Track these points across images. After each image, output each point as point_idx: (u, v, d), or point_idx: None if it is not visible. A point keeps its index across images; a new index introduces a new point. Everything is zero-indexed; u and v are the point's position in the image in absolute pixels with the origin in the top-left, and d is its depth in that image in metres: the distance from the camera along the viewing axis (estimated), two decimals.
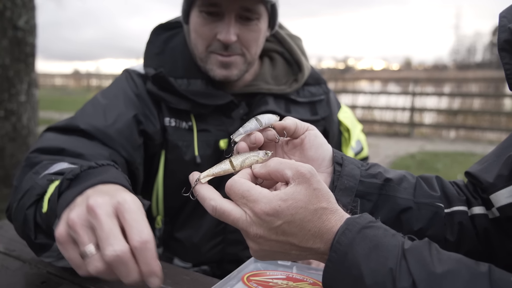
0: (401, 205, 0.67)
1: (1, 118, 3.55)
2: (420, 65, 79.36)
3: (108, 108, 0.97)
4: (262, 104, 1.06)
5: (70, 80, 34.68)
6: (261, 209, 0.48)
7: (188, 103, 1.02)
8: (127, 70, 1.09)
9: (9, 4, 3.40)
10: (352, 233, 0.48)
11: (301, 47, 1.18)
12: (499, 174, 0.65)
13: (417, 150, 7.34)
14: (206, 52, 1.00)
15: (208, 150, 1.04)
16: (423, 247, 0.46)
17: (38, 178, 0.68)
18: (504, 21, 0.53)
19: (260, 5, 0.97)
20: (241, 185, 0.51)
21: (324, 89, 1.18)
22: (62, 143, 0.84)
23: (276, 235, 0.49)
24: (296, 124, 0.63)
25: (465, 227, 0.69)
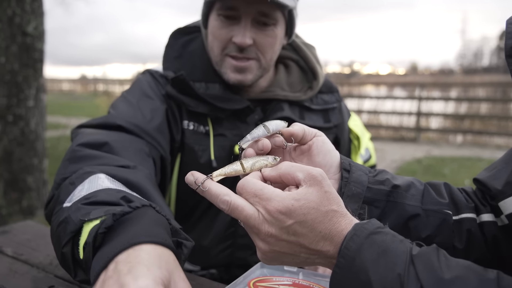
0: (409, 212, 0.67)
1: (10, 123, 3.59)
2: (426, 69, 79.06)
3: (141, 104, 0.98)
4: (278, 110, 1.07)
5: (77, 85, 34.99)
6: (274, 207, 0.49)
7: (207, 107, 1.03)
8: (149, 71, 1.10)
9: (19, 10, 3.45)
10: (360, 239, 0.48)
11: (315, 56, 1.19)
12: (508, 181, 0.65)
13: (424, 155, 7.29)
14: (221, 55, 1.02)
15: (223, 154, 1.05)
16: (431, 253, 0.46)
17: (72, 208, 0.63)
18: (511, 27, 0.53)
19: (277, 11, 0.98)
20: (254, 184, 0.51)
21: (337, 97, 1.20)
22: (105, 137, 0.83)
23: (287, 235, 0.49)
24: (303, 130, 0.63)
25: (473, 235, 0.69)
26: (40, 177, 3.87)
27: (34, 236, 1.01)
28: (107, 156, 0.78)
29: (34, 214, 3.82)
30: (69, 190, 0.69)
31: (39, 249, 0.93)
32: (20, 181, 3.73)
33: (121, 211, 0.56)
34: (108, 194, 0.64)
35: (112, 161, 0.77)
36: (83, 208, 0.61)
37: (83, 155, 0.77)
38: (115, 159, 0.78)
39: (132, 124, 0.92)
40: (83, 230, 0.58)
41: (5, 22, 3.43)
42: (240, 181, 0.53)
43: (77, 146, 0.80)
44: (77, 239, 0.59)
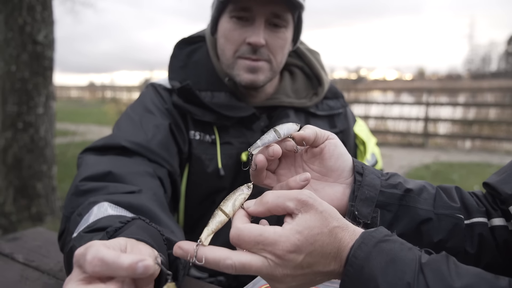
0: (421, 216, 0.66)
1: (20, 130, 3.64)
2: (434, 75, 78.69)
3: (144, 121, 0.99)
4: (283, 116, 1.08)
5: (86, 92, 35.34)
6: (282, 249, 0.46)
7: (213, 115, 1.03)
8: (153, 84, 1.10)
9: (29, 19, 3.51)
10: (368, 247, 0.47)
11: (320, 62, 1.20)
12: None
13: (432, 160, 7.24)
14: (233, 58, 1.02)
15: (230, 162, 1.05)
16: (441, 261, 0.46)
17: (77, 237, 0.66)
18: None
19: (288, 14, 1.00)
20: (250, 231, 0.47)
21: (342, 103, 1.20)
22: (107, 166, 0.84)
23: (302, 269, 0.48)
24: (315, 133, 0.63)
25: (485, 239, 0.68)
26: (49, 183, 3.91)
27: (45, 243, 1.02)
28: (111, 185, 0.80)
29: (43, 221, 3.85)
30: (77, 221, 0.72)
31: (50, 256, 0.94)
32: (29, 187, 3.76)
33: (113, 228, 0.59)
34: (109, 220, 0.66)
35: (116, 189, 0.79)
36: (86, 235, 0.64)
37: (87, 188, 0.79)
38: (119, 187, 0.80)
39: (136, 143, 0.92)
40: None
41: (16, 31, 3.49)
42: (232, 233, 0.48)
43: (80, 181, 0.81)
44: None
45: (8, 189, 3.71)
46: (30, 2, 3.49)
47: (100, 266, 0.44)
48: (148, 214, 0.74)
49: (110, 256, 0.45)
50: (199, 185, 1.06)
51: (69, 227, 0.74)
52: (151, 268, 0.45)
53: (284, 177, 0.67)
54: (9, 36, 3.50)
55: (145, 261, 0.45)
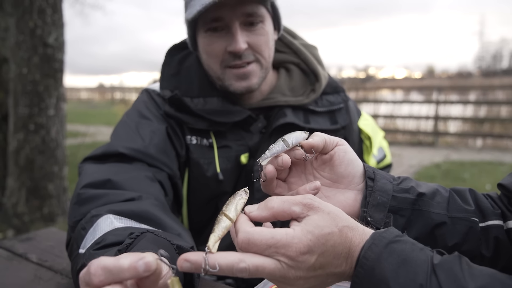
0: (435, 220, 0.65)
1: (31, 131, 3.69)
2: (444, 73, 77.84)
3: (140, 127, 0.99)
4: (281, 116, 1.05)
5: (95, 94, 35.66)
6: (295, 251, 0.46)
7: (206, 122, 1.02)
8: (147, 90, 1.10)
9: (40, 22, 3.55)
10: (379, 248, 0.47)
11: (317, 56, 1.16)
12: None
13: (442, 159, 7.16)
14: (221, 69, 1.01)
15: (229, 165, 1.04)
16: (454, 262, 0.45)
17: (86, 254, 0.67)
18: None
19: (261, 8, 0.98)
20: (261, 235, 0.46)
21: (343, 97, 1.16)
22: (106, 174, 0.85)
23: (315, 271, 0.47)
24: (324, 141, 0.62)
25: (501, 242, 0.67)
26: (60, 184, 3.95)
27: (57, 243, 1.03)
28: (111, 192, 0.81)
29: (55, 221, 3.90)
30: (82, 235, 0.73)
31: (63, 256, 0.95)
32: (41, 188, 3.81)
33: (124, 245, 0.59)
34: (116, 235, 0.67)
35: (117, 197, 0.79)
36: (95, 253, 0.65)
37: (88, 196, 0.80)
38: (119, 194, 0.80)
39: (133, 149, 0.92)
40: None
41: (27, 34, 3.53)
42: (241, 238, 0.47)
43: (81, 189, 0.82)
44: None
45: (20, 190, 3.77)
46: (40, 5, 3.53)
47: (104, 274, 0.44)
48: (152, 220, 0.74)
49: (110, 262, 0.44)
50: (200, 190, 1.05)
51: (75, 238, 0.75)
52: (152, 264, 0.45)
53: (295, 185, 0.66)
54: (20, 39, 3.55)
55: (145, 258, 0.45)
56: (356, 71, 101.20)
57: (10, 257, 0.95)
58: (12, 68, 3.65)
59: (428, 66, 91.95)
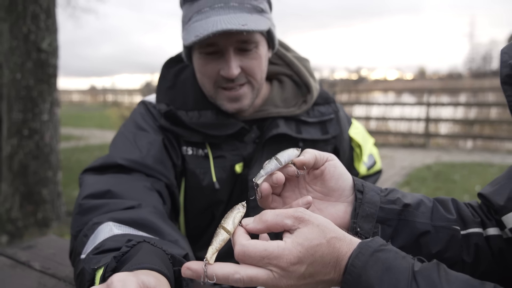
0: (419, 229, 0.70)
1: (25, 136, 3.69)
2: (435, 74, 78.55)
3: (137, 139, 1.02)
4: (273, 127, 1.09)
5: (87, 96, 35.39)
6: (286, 262, 0.49)
7: (200, 135, 1.05)
8: (144, 102, 1.13)
9: (34, 28, 3.56)
10: (365, 257, 0.50)
11: (308, 69, 1.20)
12: (510, 197, 0.68)
13: (434, 161, 7.26)
14: (214, 89, 1.04)
15: (224, 175, 1.07)
16: (432, 269, 0.49)
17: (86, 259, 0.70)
18: (506, 57, 0.56)
19: (255, 34, 1.00)
20: (255, 247, 0.50)
21: (334, 108, 1.20)
22: (106, 184, 0.88)
23: (305, 279, 0.51)
24: (315, 157, 0.66)
25: (481, 248, 0.71)
26: (54, 189, 3.96)
27: (59, 251, 1.06)
28: (111, 202, 0.84)
29: (49, 226, 3.90)
30: (83, 242, 0.76)
31: (65, 263, 0.98)
32: (35, 193, 3.81)
33: (120, 253, 0.63)
34: (114, 241, 0.71)
35: (117, 205, 0.83)
36: (94, 258, 0.69)
37: (89, 206, 0.84)
38: (119, 203, 0.84)
39: (131, 161, 0.96)
40: (96, 277, 0.66)
41: (21, 39, 3.54)
42: (238, 250, 0.51)
43: (82, 200, 0.86)
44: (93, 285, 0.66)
45: (14, 196, 3.77)
46: (34, 10, 3.54)
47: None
48: (151, 227, 0.78)
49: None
50: (197, 199, 1.09)
51: (77, 246, 0.78)
52: None
53: (289, 199, 0.70)
54: (13, 45, 3.56)
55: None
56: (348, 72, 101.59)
57: (13, 265, 0.98)
58: (6, 73, 3.66)
59: (419, 68, 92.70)
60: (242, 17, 0.94)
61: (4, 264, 0.98)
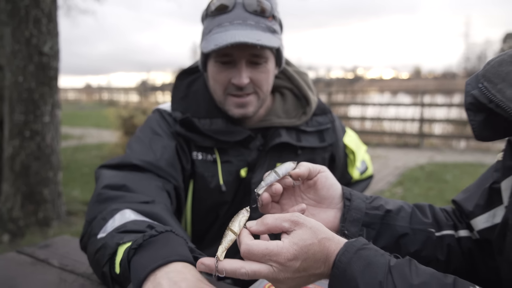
0: (399, 231, 0.80)
1: (27, 138, 3.77)
2: (430, 73, 78.99)
3: (153, 142, 1.12)
4: (276, 136, 1.19)
5: (83, 94, 35.25)
6: (284, 258, 0.58)
7: (212, 141, 1.16)
8: (159, 109, 1.24)
9: (35, 32, 3.64)
10: (350, 254, 0.60)
11: (307, 82, 1.31)
12: (477, 204, 0.79)
13: (427, 161, 7.39)
14: (224, 95, 1.15)
15: (230, 178, 1.18)
16: (405, 264, 0.59)
17: (108, 236, 0.81)
18: (469, 87, 0.67)
19: (266, 50, 1.11)
20: (258, 246, 0.60)
21: (330, 118, 1.32)
22: (122, 179, 0.98)
23: (299, 273, 0.60)
24: (308, 170, 0.76)
25: (453, 248, 0.82)
26: (55, 189, 4.04)
27: (73, 250, 1.15)
28: (128, 195, 0.94)
29: (50, 225, 3.98)
30: (101, 224, 0.86)
31: (81, 261, 1.07)
32: (36, 193, 3.89)
33: (149, 234, 0.73)
34: (135, 224, 0.81)
35: (133, 198, 0.93)
36: (117, 235, 0.79)
37: (107, 197, 0.94)
38: (135, 196, 0.94)
39: (146, 162, 1.06)
40: (118, 251, 0.76)
41: (23, 43, 3.61)
42: (243, 249, 0.61)
43: (101, 189, 0.96)
44: (113, 259, 0.76)
45: (16, 195, 3.84)
46: (36, 15, 3.62)
47: None
48: (163, 222, 0.87)
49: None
50: (204, 200, 1.19)
51: (91, 230, 0.87)
52: None
53: (286, 205, 0.80)
54: (16, 48, 3.63)
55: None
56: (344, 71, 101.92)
57: (33, 263, 1.07)
58: (8, 76, 3.73)
59: (415, 67, 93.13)
60: (258, 34, 1.06)
61: (25, 262, 1.08)
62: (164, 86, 52.41)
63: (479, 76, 0.66)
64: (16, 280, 0.96)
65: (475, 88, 0.66)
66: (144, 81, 70.25)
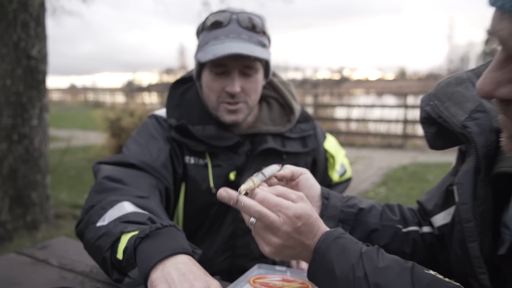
0: (370, 227, 0.90)
1: (15, 141, 3.78)
2: (415, 74, 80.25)
3: (149, 144, 1.21)
4: (263, 142, 1.29)
5: (67, 95, 34.73)
6: (292, 213, 0.68)
7: (204, 146, 1.25)
8: (155, 115, 1.32)
9: (24, 35, 3.66)
10: (329, 241, 0.70)
11: (291, 92, 1.42)
12: (436, 203, 0.90)
13: (410, 161, 7.58)
14: (217, 103, 1.24)
15: (220, 181, 1.27)
16: (373, 251, 0.69)
17: (111, 224, 0.88)
18: (423, 104, 0.78)
19: (257, 62, 1.22)
20: (273, 198, 0.69)
21: (312, 125, 1.43)
22: (120, 174, 1.07)
23: (295, 234, 0.69)
24: (292, 172, 0.86)
25: (417, 243, 0.92)
26: (43, 192, 4.05)
27: (71, 250, 1.22)
28: (125, 188, 1.02)
29: (38, 229, 3.99)
30: (100, 213, 0.93)
31: (79, 260, 1.14)
32: (24, 197, 3.91)
33: (155, 226, 0.81)
34: (136, 215, 0.89)
35: (130, 192, 1.01)
36: (120, 224, 0.86)
37: (106, 187, 1.02)
38: (132, 190, 1.02)
39: (142, 162, 1.15)
40: (122, 239, 0.83)
41: (11, 47, 3.63)
42: (260, 195, 0.71)
43: (102, 179, 1.04)
44: (116, 246, 0.83)
45: (3, 199, 3.85)
46: (24, 19, 3.64)
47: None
48: (158, 217, 0.94)
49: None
50: (195, 201, 1.28)
51: (90, 216, 0.94)
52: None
53: None
54: (4, 52, 3.64)
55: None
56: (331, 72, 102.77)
57: (34, 263, 1.14)
58: None
59: (400, 68, 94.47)
60: (251, 47, 1.16)
61: (25, 262, 1.14)
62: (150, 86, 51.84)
63: (431, 95, 0.77)
64: (18, 279, 1.03)
65: (427, 105, 0.77)
66: (130, 82, 69.53)
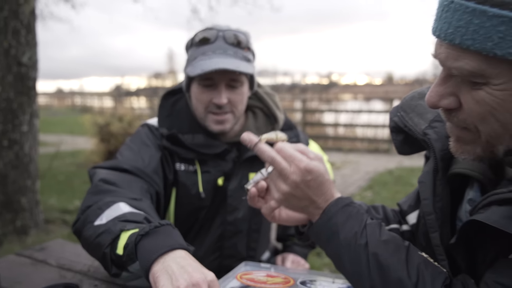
0: None
1: (5, 147, 3.79)
2: (402, 80, 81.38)
3: (142, 151, 1.28)
4: (249, 149, 1.36)
5: (54, 100, 34.29)
6: (303, 165, 0.75)
7: (194, 153, 1.33)
8: (147, 124, 1.39)
9: (14, 42, 3.69)
10: (338, 207, 0.78)
11: (275, 102, 1.50)
12: (410, 204, 1.00)
13: (395, 165, 7.74)
14: (204, 113, 1.32)
15: (208, 186, 1.34)
16: (376, 224, 0.77)
17: (110, 223, 0.94)
18: (392, 114, 0.87)
19: (242, 76, 1.31)
20: (289, 150, 0.77)
21: (295, 133, 1.51)
22: (114, 178, 1.14)
23: (303, 186, 0.76)
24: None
25: None
26: (33, 198, 4.07)
27: (68, 251, 1.28)
28: (120, 190, 1.09)
29: (28, 234, 4.00)
30: (97, 213, 1.00)
31: (77, 261, 1.20)
32: (14, 202, 3.91)
33: (154, 225, 0.87)
34: (133, 215, 0.96)
35: (124, 194, 1.08)
36: (119, 223, 0.93)
37: (102, 189, 1.09)
38: (126, 192, 1.09)
39: (135, 167, 1.22)
40: (121, 236, 0.90)
41: (2, 54, 3.66)
42: (278, 145, 0.79)
43: (98, 181, 1.12)
44: (116, 243, 0.90)
45: None
46: (15, 26, 3.67)
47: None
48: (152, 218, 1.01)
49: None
50: (185, 205, 1.36)
51: (87, 216, 1.01)
52: None
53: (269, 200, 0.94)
54: None
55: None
56: (319, 77, 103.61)
57: (33, 263, 1.20)
58: None
59: (387, 73, 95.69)
60: (236, 62, 1.25)
61: (25, 263, 1.20)
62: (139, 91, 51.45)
63: (398, 107, 0.87)
64: (19, 278, 1.09)
65: (395, 115, 0.87)
66: (119, 86, 68.91)
